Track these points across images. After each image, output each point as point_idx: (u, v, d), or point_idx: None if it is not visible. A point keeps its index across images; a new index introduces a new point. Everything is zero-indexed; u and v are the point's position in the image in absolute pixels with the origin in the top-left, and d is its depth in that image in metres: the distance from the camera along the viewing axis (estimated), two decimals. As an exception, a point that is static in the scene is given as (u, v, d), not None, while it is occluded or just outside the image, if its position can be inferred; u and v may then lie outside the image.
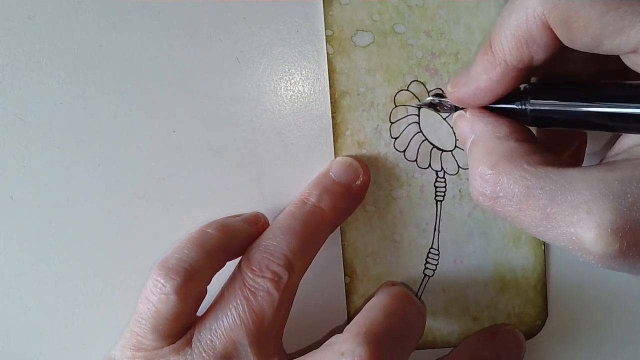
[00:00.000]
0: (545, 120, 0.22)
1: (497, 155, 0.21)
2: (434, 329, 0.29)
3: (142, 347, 0.24)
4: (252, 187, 0.28)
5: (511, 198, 0.20)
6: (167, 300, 0.23)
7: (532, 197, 0.19)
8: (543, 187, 0.19)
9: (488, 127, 0.22)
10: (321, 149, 0.28)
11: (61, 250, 0.29)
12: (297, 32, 0.27)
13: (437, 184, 0.28)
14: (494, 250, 0.29)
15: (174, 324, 0.24)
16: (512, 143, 0.21)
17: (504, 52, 0.21)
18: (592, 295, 0.29)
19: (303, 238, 0.25)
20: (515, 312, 0.29)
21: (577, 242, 0.19)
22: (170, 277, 0.23)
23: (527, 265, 0.29)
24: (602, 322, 0.30)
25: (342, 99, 0.27)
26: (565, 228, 0.19)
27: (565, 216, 0.19)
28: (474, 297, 0.29)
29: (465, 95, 0.23)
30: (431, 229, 0.28)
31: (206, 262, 0.24)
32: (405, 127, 0.28)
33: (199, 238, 0.25)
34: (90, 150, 0.28)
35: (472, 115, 0.23)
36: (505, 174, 0.20)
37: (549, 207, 0.19)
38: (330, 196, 0.26)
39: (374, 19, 0.27)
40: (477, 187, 0.21)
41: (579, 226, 0.18)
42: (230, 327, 0.24)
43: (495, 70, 0.22)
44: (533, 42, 0.20)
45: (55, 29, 0.27)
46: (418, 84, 0.27)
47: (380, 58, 0.27)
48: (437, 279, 0.29)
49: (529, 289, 0.29)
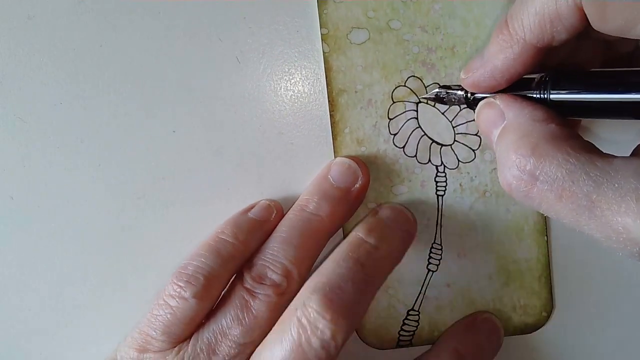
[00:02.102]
0: (568, 109, 0.21)
1: (538, 138, 0.20)
2: (439, 323, 0.29)
3: (148, 348, 0.24)
4: (252, 187, 0.28)
5: (552, 183, 0.19)
6: (186, 303, 0.24)
7: (575, 183, 0.18)
8: (588, 172, 0.18)
9: (524, 111, 0.21)
10: (321, 148, 0.28)
11: (61, 250, 0.29)
12: (297, 32, 0.27)
13: (437, 178, 0.28)
14: (497, 243, 0.29)
15: (187, 327, 0.24)
16: (553, 126, 0.20)
17: (524, 29, 0.20)
18: (597, 286, 0.29)
19: (301, 247, 0.25)
20: (520, 304, 0.29)
21: (623, 232, 0.18)
22: (190, 284, 0.24)
23: (531, 257, 0.29)
24: (609, 312, 0.30)
25: (339, 97, 0.27)
26: (610, 217, 0.18)
27: (612, 204, 0.18)
28: (478, 291, 0.29)
29: (482, 78, 0.22)
30: (433, 224, 0.28)
31: (223, 268, 0.25)
32: (403, 122, 0.28)
33: (215, 245, 0.25)
34: (90, 150, 0.28)
35: (503, 100, 0.22)
36: (547, 157, 0.19)
37: (594, 194, 0.18)
38: (328, 203, 0.26)
39: (368, 15, 0.27)
40: (513, 172, 0.20)
41: (627, 215, 0.17)
42: (228, 327, 0.24)
43: (512, 48, 0.21)
44: (559, 22, 0.19)
45: (55, 29, 0.27)
46: (415, 80, 0.27)
47: (377, 55, 0.27)
48: (441, 274, 0.29)
49: (534, 280, 0.29)
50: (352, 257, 0.24)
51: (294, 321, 0.23)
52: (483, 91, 0.23)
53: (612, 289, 0.29)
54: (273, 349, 0.23)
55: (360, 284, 0.24)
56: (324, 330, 0.22)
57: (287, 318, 0.23)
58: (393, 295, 0.29)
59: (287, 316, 0.23)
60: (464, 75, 0.23)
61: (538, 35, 0.20)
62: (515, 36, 0.21)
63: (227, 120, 0.28)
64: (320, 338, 0.22)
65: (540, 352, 0.30)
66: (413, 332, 0.29)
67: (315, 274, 0.24)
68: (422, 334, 0.29)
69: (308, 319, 0.23)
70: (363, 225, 0.26)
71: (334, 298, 0.23)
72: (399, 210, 0.27)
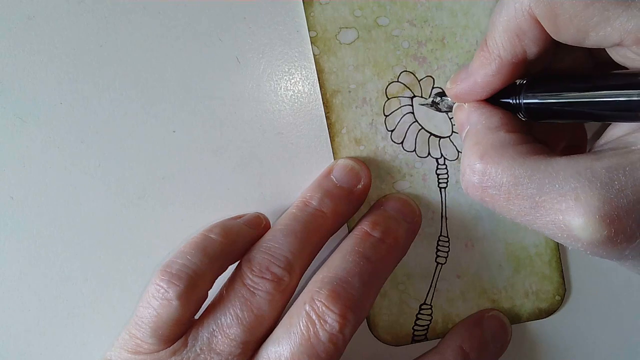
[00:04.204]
0: (539, 113, 0.22)
1: (486, 146, 0.21)
2: (453, 315, 0.29)
3: (140, 350, 0.24)
4: (252, 187, 0.28)
5: (499, 187, 0.20)
6: (169, 305, 0.23)
7: (519, 186, 0.20)
8: (530, 176, 0.19)
9: (481, 118, 0.23)
10: (321, 148, 0.28)
11: (61, 250, 0.29)
12: (297, 32, 0.27)
13: (438, 171, 0.28)
14: (503, 231, 0.29)
15: (174, 328, 0.24)
16: (502, 134, 0.22)
17: (498, 47, 0.21)
18: (613, 267, 0.29)
19: (304, 241, 0.25)
20: (532, 290, 0.29)
21: (566, 230, 0.19)
22: (172, 283, 0.23)
23: (539, 242, 0.29)
24: (626, 293, 0.30)
25: (333, 98, 0.27)
26: (553, 216, 0.19)
27: (554, 204, 0.19)
28: (489, 280, 0.29)
29: (463, 91, 0.23)
30: (438, 217, 0.29)
31: (208, 268, 0.24)
32: (400, 118, 0.28)
33: (201, 243, 0.25)
34: (90, 150, 0.28)
35: (469, 106, 0.23)
36: (493, 164, 0.20)
37: (537, 196, 0.19)
38: (331, 200, 0.26)
39: (355, 14, 0.27)
40: (466, 177, 0.21)
41: (567, 213, 0.18)
42: (227, 326, 0.24)
43: (490, 65, 0.22)
44: (524, 36, 0.21)
45: (55, 29, 0.27)
46: (408, 74, 0.27)
47: (367, 53, 0.27)
48: (450, 266, 0.29)
49: (544, 265, 0.29)
50: (358, 251, 0.25)
51: (303, 315, 0.23)
52: (466, 101, 0.24)
53: (627, 271, 0.29)
54: (281, 343, 0.23)
55: (367, 277, 0.24)
56: (332, 324, 0.23)
57: (295, 312, 0.24)
58: (404, 291, 0.29)
59: (295, 311, 0.24)
60: (449, 86, 0.24)
61: (511, 51, 0.21)
62: (492, 54, 0.22)
63: (227, 120, 0.28)
64: (329, 332, 0.23)
65: (557, 336, 0.30)
66: (427, 326, 0.29)
67: (322, 268, 0.25)
68: (436, 328, 0.29)
69: (317, 313, 0.23)
70: (368, 218, 0.27)
71: (342, 292, 0.23)
72: (404, 201, 0.28)
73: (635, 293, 0.30)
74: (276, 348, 0.23)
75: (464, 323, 0.29)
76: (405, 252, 0.27)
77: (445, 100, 0.26)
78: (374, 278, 0.25)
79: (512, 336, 0.29)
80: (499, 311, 0.29)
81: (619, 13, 0.18)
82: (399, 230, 0.26)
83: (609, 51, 0.20)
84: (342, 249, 0.25)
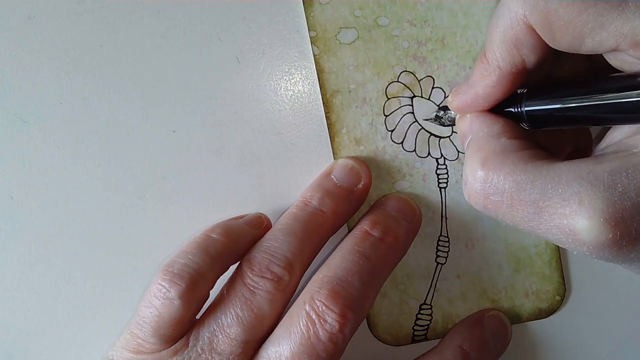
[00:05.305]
0: (541, 120, 0.22)
1: (488, 152, 0.21)
2: (453, 315, 0.29)
3: (141, 349, 0.24)
4: (252, 187, 0.28)
5: (502, 194, 0.20)
6: (171, 305, 0.23)
7: (522, 192, 0.20)
8: (533, 181, 0.19)
9: (483, 126, 0.23)
10: (321, 148, 0.28)
11: (61, 250, 0.29)
12: (297, 32, 0.27)
13: (438, 171, 0.28)
14: (503, 232, 0.29)
15: (176, 328, 0.24)
16: (504, 140, 0.21)
17: (497, 58, 0.21)
18: (613, 266, 0.29)
19: (304, 240, 0.25)
20: (532, 290, 0.29)
21: (571, 234, 0.19)
22: (174, 283, 0.23)
23: (539, 242, 0.29)
24: (627, 292, 0.30)
25: (333, 98, 0.27)
26: (557, 220, 0.19)
27: (558, 209, 0.19)
28: (489, 280, 0.29)
29: (465, 103, 0.23)
30: (438, 217, 0.29)
31: (210, 267, 0.24)
32: (400, 118, 0.28)
33: (203, 243, 0.25)
34: (90, 150, 0.28)
35: (471, 116, 0.23)
36: (494, 170, 0.20)
37: (541, 201, 0.19)
38: (332, 199, 0.26)
39: (355, 14, 0.27)
40: (469, 185, 0.21)
41: (572, 217, 0.18)
42: (228, 325, 0.24)
43: (490, 77, 0.22)
44: (521, 45, 0.21)
45: (55, 29, 0.27)
46: (408, 74, 0.27)
47: (367, 53, 0.27)
48: (450, 266, 0.29)
49: (544, 265, 0.29)
50: (358, 251, 0.25)
51: (303, 315, 0.23)
52: (467, 113, 0.24)
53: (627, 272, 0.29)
54: (281, 343, 0.23)
55: (367, 277, 0.24)
56: (332, 324, 0.23)
57: (295, 312, 0.24)
58: (404, 291, 0.29)
59: (295, 310, 0.24)
60: (450, 99, 0.24)
61: (510, 61, 0.21)
62: (492, 65, 0.22)
63: (227, 120, 0.28)
64: (329, 331, 0.23)
65: (557, 336, 0.30)
66: (427, 326, 0.29)
67: (322, 268, 0.25)
68: (436, 328, 0.29)
69: (317, 313, 0.23)
70: (368, 217, 0.27)
71: (341, 292, 0.23)
72: (404, 200, 0.28)
73: (636, 293, 0.30)
74: (276, 348, 0.23)
75: (464, 323, 0.29)
76: (405, 252, 0.27)
77: (448, 114, 0.26)
78: (373, 277, 0.25)
79: (512, 336, 0.29)
80: (499, 311, 0.29)
81: (613, 17, 0.18)
82: (399, 230, 0.26)
83: (606, 56, 0.20)
84: (342, 249, 0.25)
